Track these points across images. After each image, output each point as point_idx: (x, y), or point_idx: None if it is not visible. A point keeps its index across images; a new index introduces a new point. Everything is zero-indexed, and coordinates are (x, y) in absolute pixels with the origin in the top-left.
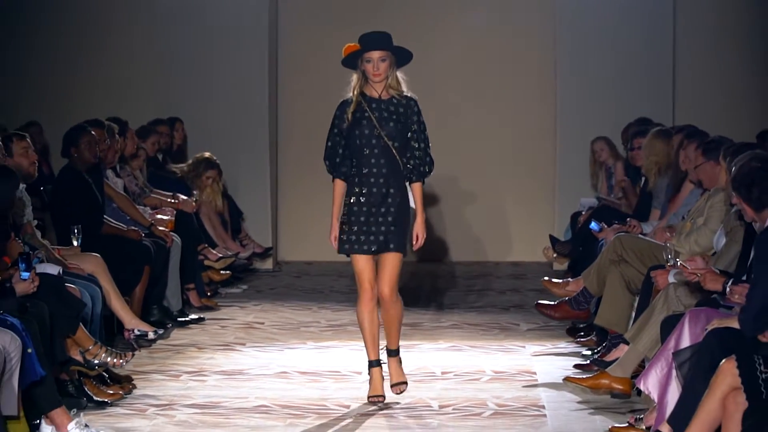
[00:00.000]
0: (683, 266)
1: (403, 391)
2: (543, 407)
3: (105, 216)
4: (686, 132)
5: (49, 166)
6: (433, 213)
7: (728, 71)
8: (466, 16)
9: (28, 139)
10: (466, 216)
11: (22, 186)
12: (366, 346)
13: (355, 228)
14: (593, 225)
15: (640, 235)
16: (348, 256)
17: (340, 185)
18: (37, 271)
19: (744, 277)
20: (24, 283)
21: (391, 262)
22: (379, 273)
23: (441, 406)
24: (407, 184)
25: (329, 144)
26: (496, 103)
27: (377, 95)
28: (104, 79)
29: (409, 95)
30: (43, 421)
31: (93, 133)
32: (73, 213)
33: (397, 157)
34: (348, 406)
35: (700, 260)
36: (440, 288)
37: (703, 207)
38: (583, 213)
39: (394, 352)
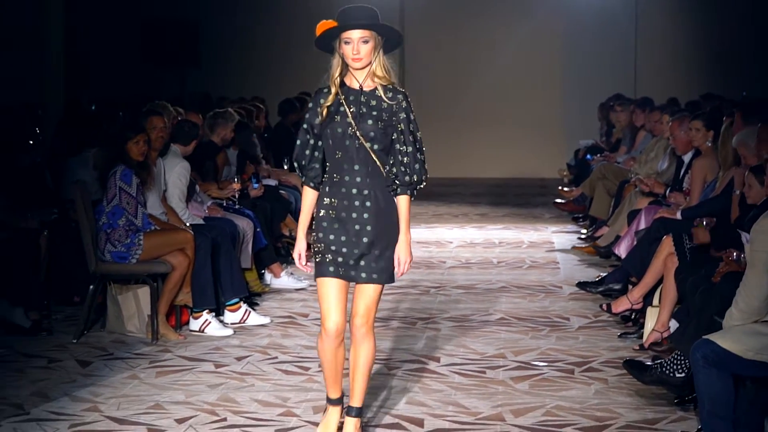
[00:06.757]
0: (640, 180)
1: None
2: (558, 263)
3: None
4: (640, 101)
5: (268, 122)
6: (491, 146)
7: (676, 54)
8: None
9: (261, 108)
10: (514, 150)
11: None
12: (326, 382)
13: (322, 246)
14: (588, 156)
15: (615, 163)
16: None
17: (309, 194)
18: (263, 183)
19: (678, 187)
20: (255, 190)
21: (367, 293)
22: (353, 303)
23: (498, 262)
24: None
25: (298, 142)
26: (525, 81)
27: (358, 86)
28: (296, 66)
29: (397, 87)
30: (265, 270)
31: (295, 102)
32: (284, 150)
33: (378, 163)
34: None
35: (651, 179)
36: (495, 193)
37: (652, 146)
38: (581, 150)
39: (355, 411)
